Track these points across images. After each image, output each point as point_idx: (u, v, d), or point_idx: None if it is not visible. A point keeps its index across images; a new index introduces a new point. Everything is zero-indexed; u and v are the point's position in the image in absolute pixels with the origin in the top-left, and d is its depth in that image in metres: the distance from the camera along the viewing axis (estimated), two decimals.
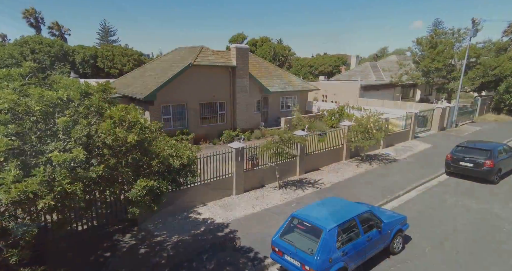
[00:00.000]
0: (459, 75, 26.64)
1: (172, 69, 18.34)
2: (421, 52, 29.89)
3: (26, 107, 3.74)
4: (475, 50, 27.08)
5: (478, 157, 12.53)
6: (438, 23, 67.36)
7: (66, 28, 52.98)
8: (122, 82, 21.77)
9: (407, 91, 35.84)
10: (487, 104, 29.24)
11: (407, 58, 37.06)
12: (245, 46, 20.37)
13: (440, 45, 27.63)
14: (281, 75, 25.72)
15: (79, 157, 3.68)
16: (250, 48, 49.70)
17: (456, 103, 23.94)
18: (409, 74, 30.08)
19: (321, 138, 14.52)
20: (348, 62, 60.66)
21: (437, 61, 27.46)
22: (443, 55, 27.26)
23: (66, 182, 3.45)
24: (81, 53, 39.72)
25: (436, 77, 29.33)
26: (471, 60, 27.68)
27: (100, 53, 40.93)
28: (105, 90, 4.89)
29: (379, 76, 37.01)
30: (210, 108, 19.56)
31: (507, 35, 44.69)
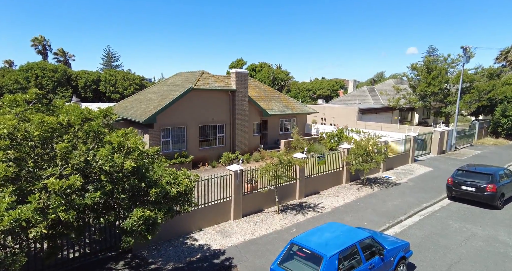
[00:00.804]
0: (455, 99, 27.09)
1: (173, 93, 18.66)
2: (416, 77, 30.65)
3: (25, 133, 3.76)
4: (467, 75, 27.77)
5: (480, 181, 12.41)
6: (432, 50, 69.55)
7: (70, 54, 54.73)
8: (123, 105, 22.05)
9: (405, 115, 36.26)
10: (485, 127, 29.46)
11: (403, 83, 37.89)
12: (244, 71, 20.90)
13: (434, 70, 28.42)
14: (280, 99, 26.13)
15: (76, 184, 3.65)
16: (250, 73, 50.96)
17: (454, 126, 24.13)
18: (406, 98, 30.61)
19: (320, 160, 14.46)
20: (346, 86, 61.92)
21: (432, 85, 28.09)
22: (438, 80, 27.93)
23: (61, 209, 3.39)
24: (84, 78, 40.61)
25: (433, 101, 29.82)
26: (465, 85, 28.28)
27: (103, 77, 41.85)
28: (106, 115, 4.95)
29: (377, 99, 37.62)
30: (209, 130, 19.66)
31: (499, 62, 46.10)
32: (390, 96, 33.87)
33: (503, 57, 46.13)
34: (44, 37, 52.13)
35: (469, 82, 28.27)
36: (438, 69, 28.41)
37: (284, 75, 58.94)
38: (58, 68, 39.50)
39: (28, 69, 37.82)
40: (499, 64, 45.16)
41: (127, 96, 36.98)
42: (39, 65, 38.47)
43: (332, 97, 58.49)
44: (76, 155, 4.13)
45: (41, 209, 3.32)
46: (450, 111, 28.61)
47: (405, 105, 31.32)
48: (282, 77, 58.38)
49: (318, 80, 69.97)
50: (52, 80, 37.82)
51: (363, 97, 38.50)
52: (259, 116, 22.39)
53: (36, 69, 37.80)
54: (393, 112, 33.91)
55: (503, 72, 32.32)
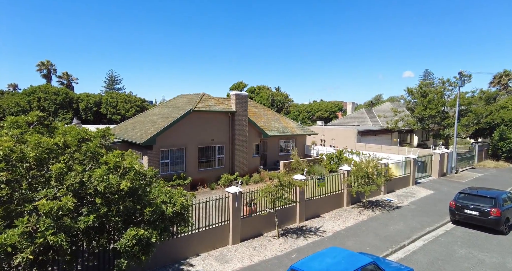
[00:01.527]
0: (453, 122, 27.29)
1: (173, 114, 18.80)
2: (413, 100, 31.10)
3: (20, 154, 3.71)
4: (464, 99, 28.18)
5: (483, 205, 12.16)
6: (428, 73, 71.22)
7: (74, 77, 55.67)
8: (123, 127, 22.13)
9: (404, 137, 36.37)
10: (485, 150, 29.44)
11: (401, 105, 38.37)
12: (244, 93, 21.21)
13: (430, 94, 28.90)
14: (279, 120, 26.31)
15: (67, 206, 3.54)
16: (249, 95, 51.79)
17: (453, 149, 24.10)
18: (404, 120, 30.86)
19: (320, 182, 14.26)
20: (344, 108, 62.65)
21: (429, 108, 28.42)
22: (434, 103, 28.31)
23: (50, 232, 3.25)
24: (86, 100, 41.13)
25: (431, 124, 30.03)
26: (462, 108, 28.61)
27: (105, 100, 42.39)
28: (104, 135, 4.92)
29: (375, 121, 37.89)
30: (208, 152, 19.58)
31: (494, 86, 47.13)
32: (388, 118, 34.15)
33: (497, 81, 47.22)
34: (50, 62, 53.36)
35: (466, 105, 28.63)
36: (433, 92, 28.91)
37: (283, 97, 59.87)
38: (61, 91, 40.12)
39: (31, 92, 38.39)
40: (494, 88, 46.09)
41: (128, 118, 37.24)
42: (42, 88, 39.08)
43: (331, 119, 58.98)
44: (71, 176, 4.05)
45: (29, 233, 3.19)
46: (449, 134, 28.72)
47: (404, 127, 31.51)
48: (281, 99, 59.27)
49: (317, 102, 70.95)
50: (54, 103, 38.27)
51: (362, 119, 38.81)
52: (258, 137, 22.42)
53: (39, 92, 38.37)
54: (392, 134, 34.04)
55: (498, 96, 32.83)
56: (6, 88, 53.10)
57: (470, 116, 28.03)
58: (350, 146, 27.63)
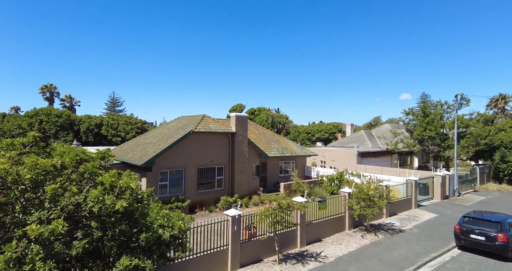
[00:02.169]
0: (452, 144, 27.28)
1: (173, 136, 18.81)
2: (412, 122, 31.29)
3: (16, 176, 3.63)
4: (462, 121, 28.36)
5: (489, 230, 11.80)
6: (425, 96, 72.39)
7: (76, 100, 55.92)
8: (123, 149, 22.06)
9: (405, 158, 36.21)
10: (486, 172, 29.18)
11: (400, 127, 38.58)
12: (244, 114, 21.37)
13: (430, 115, 29.12)
14: (279, 141, 26.31)
15: (58, 230, 3.40)
16: (250, 116, 52.29)
17: (455, 171, 23.90)
18: (404, 142, 30.87)
19: (321, 205, 13.97)
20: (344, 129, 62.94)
21: (428, 130, 28.53)
22: (434, 124, 28.45)
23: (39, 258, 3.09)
24: (87, 122, 41.36)
25: (431, 145, 30.00)
26: (461, 130, 28.71)
27: (106, 122, 42.65)
28: (103, 157, 4.86)
29: (375, 143, 37.90)
30: (208, 173, 19.37)
31: (490, 109, 47.78)
32: (388, 140, 34.19)
33: (494, 105, 47.90)
34: (53, 85, 53.72)
35: (464, 127, 28.77)
36: (433, 114, 29.14)
37: (282, 119, 60.35)
38: (63, 113, 40.43)
39: (33, 114, 38.62)
40: (491, 111, 46.68)
41: (128, 140, 37.26)
42: (44, 111, 39.34)
43: (331, 140, 59.07)
44: (65, 197, 3.94)
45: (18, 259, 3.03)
46: (449, 155, 28.60)
47: (404, 149, 31.45)
48: (281, 120, 59.71)
49: (316, 123, 71.43)
50: (55, 125, 38.41)
51: (361, 140, 38.86)
52: (258, 158, 22.30)
53: (41, 114, 38.59)
54: (392, 155, 33.92)
55: (496, 118, 33.11)
56: (8, 111, 53.44)
57: (469, 137, 28.08)
58: (351, 168, 27.43)
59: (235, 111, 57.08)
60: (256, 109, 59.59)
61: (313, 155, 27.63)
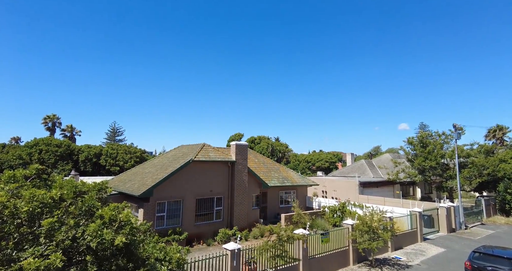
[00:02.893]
0: (454, 174, 26.98)
1: (173, 165, 18.63)
2: (413, 152, 31.25)
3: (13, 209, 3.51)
4: (462, 150, 28.32)
5: (501, 267, 11.21)
6: (423, 126, 73.11)
7: (77, 130, 55.91)
8: (121, 178, 21.77)
9: (407, 189, 35.62)
10: (492, 204, 28.51)
11: (400, 157, 38.46)
12: (244, 143, 21.38)
13: (429, 145, 29.15)
14: (279, 170, 26.04)
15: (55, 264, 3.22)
16: (249, 145, 52.33)
17: (459, 203, 23.36)
18: (405, 171, 30.57)
19: (324, 238, 13.44)
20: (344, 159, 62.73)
21: (429, 160, 28.38)
22: (434, 154, 28.36)
23: None
24: (86, 152, 41.30)
25: (433, 175, 29.66)
26: (462, 160, 28.56)
27: (105, 151, 42.60)
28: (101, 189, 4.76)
29: (376, 173, 37.54)
30: (206, 203, 18.90)
31: (489, 139, 48.07)
32: (389, 169, 33.91)
33: (492, 135, 48.28)
34: (56, 115, 53.87)
35: (465, 157, 28.65)
36: (432, 144, 29.17)
37: (282, 147, 60.41)
38: (63, 143, 40.48)
39: (33, 145, 38.57)
40: (490, 141, 46.92)
41: (127, 169, 36.93)
42: (45, 141, 39.37)
43: (331, 169, 58.63)
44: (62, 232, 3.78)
45: None
46: (452, 186, 28.15)
47: (405, 179, 31.07)
48: (281, 149, 59.72)
49: (316, 152, 71.35)
50: (54, 155, 38.26)
51: (362, 170, 38.53)
52: (258, 188, 21.91)
53: (41, 144, 38.56)
54: (394, 186, 33.41)
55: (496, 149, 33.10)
56: (9, 142, 53.44)
57: (471, 167, 27.84)
58: (353, 198, 26.87)
59: (234, 140, 57.27)
60: (256, 138, 59.88)
61: (314, 184, 27.22)
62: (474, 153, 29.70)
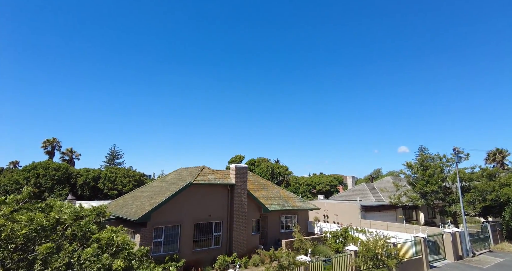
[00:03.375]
0: (457, 198, 26.54)
1: (171, 188, 18.39)
2: (414, 175, 30.95)
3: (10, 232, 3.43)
4: (464, 174, 28.04)
5: None
6: (423, 149, 73.03)
7: (77, 154, 55.48)
8: (119, 203, 21.41)
9: (410, 213, 34.90)
10: (499, 231, 27.73)
11: (402, 180, 38.09)
12: (244, 165, 21.24)
13: (429, 168, 28.90)
14: (280, 193, 25.65)
15: None
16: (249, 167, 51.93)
17: (464, 228, 22.76)
18: (407, 195, 30.11)
19: (327, 265, 12.95)
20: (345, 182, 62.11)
21: (430, 183, 28.01)
22: (434, 178, 28.04)
23: None
24: (84, 176, 40.98)
25: (435, 199, 29.17)
26: (464, 184, 28.18)
27: (103, 175, 42.28)
28: (99, 213, 4.68)
29: (378, 196, 36.99)
30: (205, 228, 18.41)
31: (490, 163, 47.96)
32: (390, 193, 33.45)
33: (492, 158, 48.23)
34: (56, 139, 53.62)
35: (467, 180, 28.31)
36: (433, 167, 28.94)
37: (283, 170, 59.95)
38: (61, 167, 40.24)
39: (31, 168, 38.26)
40: (491, 165, 46.78)
41: (125, 193, 36.45)
42: (43, 165, 39.12)
43: (332, 192, 57.80)
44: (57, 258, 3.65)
45: None
46: (455, 211, 27.56)
47: (407, 202, 30.52)
48: (281, 172, 59.23)
49: (317, 175, 70.71)
50: (52, 179, 37.88)
51: (364, 193, 38.00)
52: (258, 212, 21.46)
53: (39, 168, 38.28)
54: (396, 210, 32.78)
55: (498, 173, 32.81)
56: (7, 166, 53.11)
57: (474, 192, 27.42)
58: (355, 223, 26.26)
59: (234, 162, 57.01)
60: (256, 160, 59.60)
61: (315, 208, 26.70)
62: (475, 176, 29.36)
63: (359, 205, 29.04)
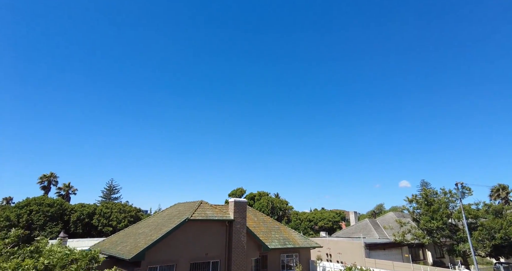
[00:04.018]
0: (465, 236, 25.48)
1: (168, 225, 17.75)
2: (417, 210, 30.06)
3: None
4: (470, 211, 27.18)
5: None
6: (425, 184, 71.89)
7: (74, 188, 54.29)
8: (112, 240, 20.58)
9: (416, 252, 33.29)
10: None
11: (405, 216, 36.97)
12: (243, 200, 20.73)
13: (434, 203, 28.12)
14: (280, 230, 24.72)
15: None
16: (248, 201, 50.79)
17: (476, 270, 21.55)
18: (412, 232, 28.97)
19: None
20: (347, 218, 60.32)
21: (435, 220, 27.07)
22: (439, 214, 27.16)
23: None
24: (79, 211, 39.95)
25: (442, 237, 27.99)
26: (471, 221, 27.19)
27: (99, 210, 41.23)
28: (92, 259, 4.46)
29: (381, 233, 35.62)
30: (201, 269, 17.42)
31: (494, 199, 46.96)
32: (394, 230, 32.24)
33: (496, 195, 47.30)
34: (54, 174, 52.70)
35: (473, 218, 27.34)
36: (437, 202, 28.18)
37: (283, 205, 58.47)
38: (55, 202, 39.36)
39: (25, 205, 37.39)
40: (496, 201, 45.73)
41: (120, 229, 35.27)
42: (37, 201, 38.28)
43: (335, 229, 55.80)
44: None
45: None
46: (464, 250, 26.27)
47: (413, 240, 29.25)
48: (281, 207, 57.72)
49: (318, 210, 68.83)
50: (45, 215, 36.80)
51: (367, 230, 36.65)
52: (257, 250, 20.49)
53: (33, 204, 37.39)
54: (402, 248, 31.32)
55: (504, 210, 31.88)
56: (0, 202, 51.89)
57: (481, 230, 26.37)
58: (359, 262, 24.95)
59: (234, 195, 55.81)
60: (256, 194, 58.39)
61: (318, 246, 25.54)
62: (481, 213, 28.46)
63: (363, 242, 27.86)
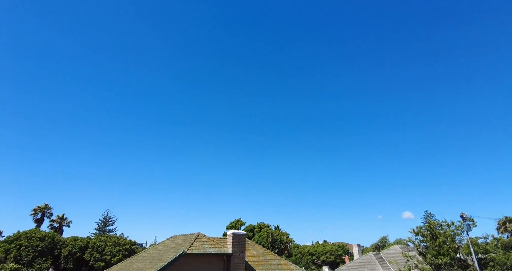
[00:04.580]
0: None
1: (163, 259, 17.05)
2: (423, 243, 28.92)
3: None
4: (478, 245, 26.07)
5: None
6: (429, 215, 69.98)
7: (68, 220, 52.51)
8: None
9: None
10: None
11: (410, 249, 35.50)
12: (242, 232, 20.08)
13: (440, 236, 27.09)
14: (281, 264, 23.59)
15: None
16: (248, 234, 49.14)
17: None
18: (419, 267, 27.61)
19: None
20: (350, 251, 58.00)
21: (442, 254, 25.90)
22: (446, 248, 26.06)
23: None
24: (71, 245, 38.47)
25: None
26: (481, 257, 25.96)
27: (92, 244, 39.67)
28: None
29: (387, 268, 33.97)
30: None
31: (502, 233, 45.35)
32: (400, 265, 30.76)
33: (503, 228, 45.80)
34: (48, 205, 51.22)
35: (482, 252, 26.13)
36: (443, 235, 27.16)
37: (284, 237, 56.41)
38: (47, 235, 38.00)
39: (14, 239, 36.14)
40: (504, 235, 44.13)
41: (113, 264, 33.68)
42: (27, 234, 37.03)
43: (338, 263, 53.32)
44: None
45: None
46: None
47: None
48: (282, 239, 55.64)
49: (320, 243, 66.28)
50: (34, 250, 35.25)
51: (372, 265, 34.99)
52: None
53: (23, 238, 36.11)
54: None
55: None
56: None
57: (493, 266, 25.05)
58: None
59: (233, 228, 54.04)
60: (255, 226, 56.58)
61: None
62: (490, 247, 27.28)
63: None
